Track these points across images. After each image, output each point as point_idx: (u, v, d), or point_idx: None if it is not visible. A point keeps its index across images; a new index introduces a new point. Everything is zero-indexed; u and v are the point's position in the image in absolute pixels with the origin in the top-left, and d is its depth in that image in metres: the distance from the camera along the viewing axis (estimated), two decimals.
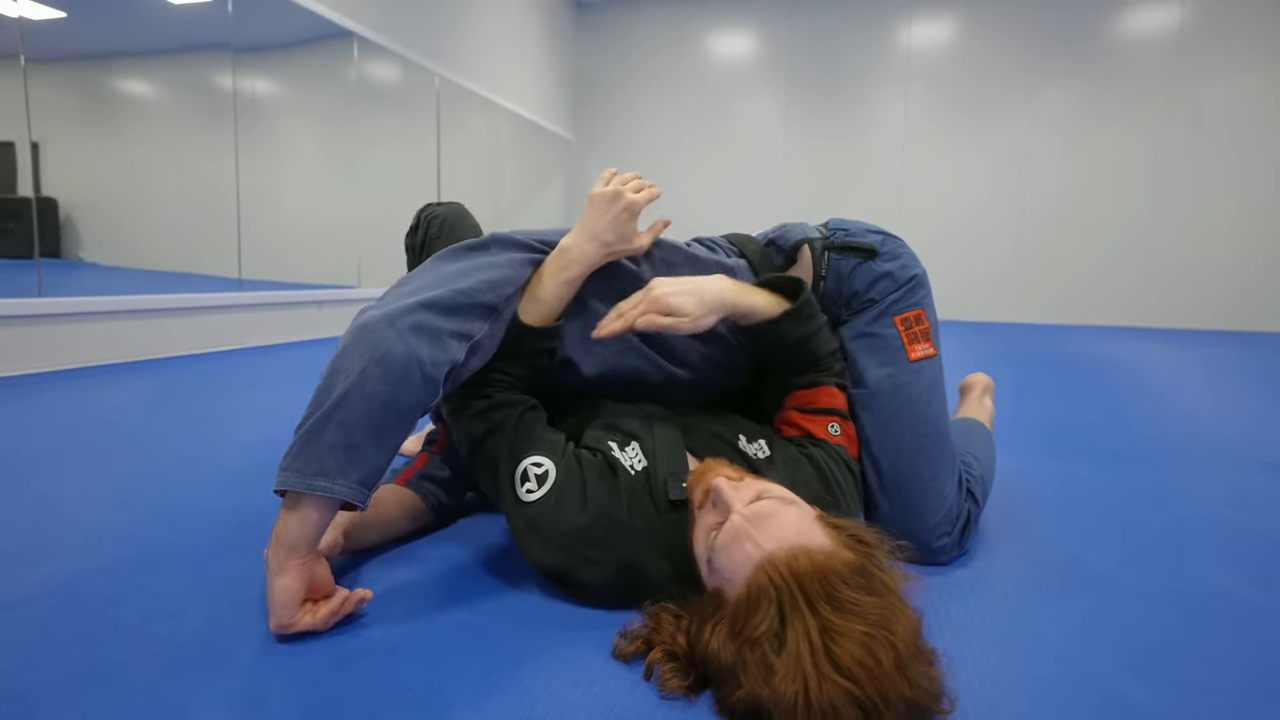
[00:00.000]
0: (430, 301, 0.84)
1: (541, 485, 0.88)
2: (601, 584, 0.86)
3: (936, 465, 1.02)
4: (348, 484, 0.78)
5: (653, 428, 0.97)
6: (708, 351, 1.07)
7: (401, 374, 0.79)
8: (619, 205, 0.97)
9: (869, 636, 0.59)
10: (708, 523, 0.75)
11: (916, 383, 1.05)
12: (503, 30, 5.67)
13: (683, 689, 0.69)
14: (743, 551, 0.68)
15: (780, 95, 6.65)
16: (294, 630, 0.78)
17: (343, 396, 0.78)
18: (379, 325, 0.81)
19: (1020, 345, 4.35)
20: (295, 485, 0.77)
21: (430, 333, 0.83)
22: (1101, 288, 6.08)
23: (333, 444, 0.78)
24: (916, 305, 1.09)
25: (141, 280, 3.24)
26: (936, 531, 1.00)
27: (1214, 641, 0.83)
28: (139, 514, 1.18)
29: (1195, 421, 2.17)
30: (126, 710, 0.66)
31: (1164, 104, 5.81)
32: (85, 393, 2.22)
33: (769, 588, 0.62)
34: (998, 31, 6.11)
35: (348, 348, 0.81)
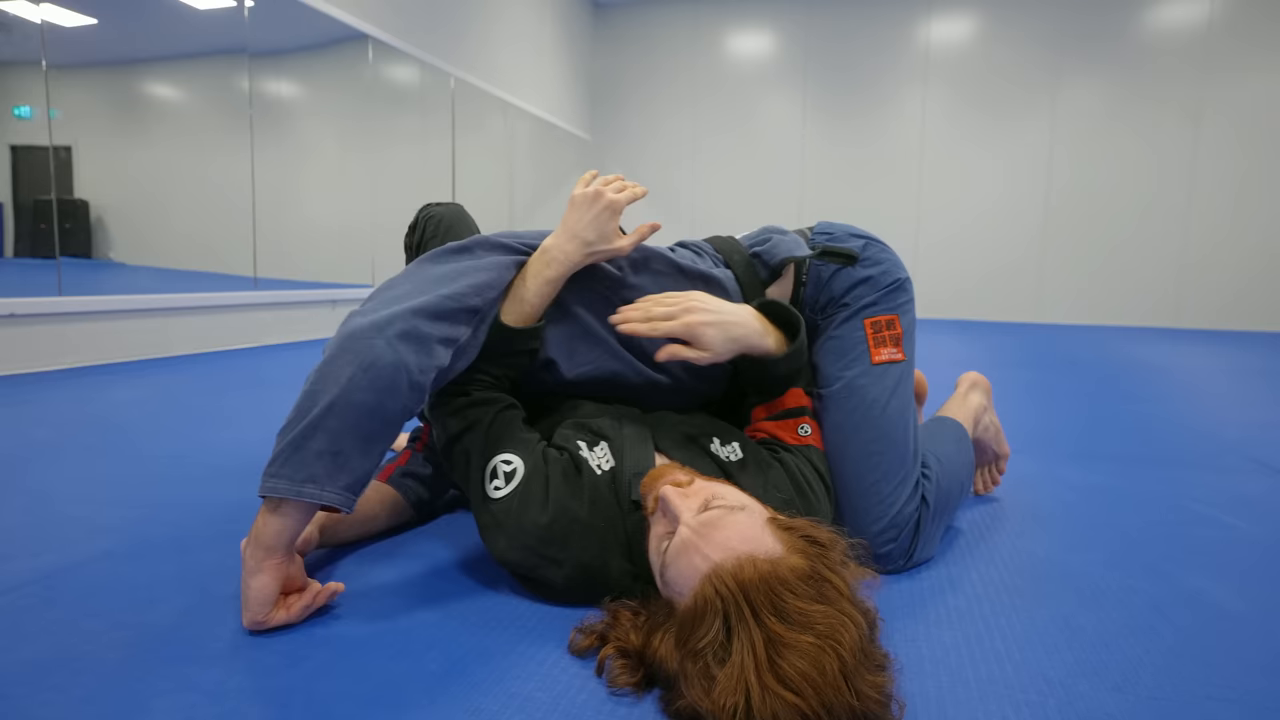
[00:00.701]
0: (418, 308, 0.85)
1: (509, 483, 0.89)
2: (562, 582, 0.87)
3: (885, 471, 1.00)
4: (335, 490, 0.80)
5: (623, 428, 0.97)
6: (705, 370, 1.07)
7: (389, 382, 0.80)
8: (600, 205, 0.98)
9: (815, 647, 0.58)
10: (658, 532, 0.76)
11: (874, 386, 1.03)
12: (519, 30, 5.70)
13: (631, 686, 0.69)
14: (691, 564, 0.68)
15: (798, 94, 6.62)
16: (267, 626, 0.80)
17: (330, 405, 0.79)
18: (367, 333, 0.81)
19: (1035, 346, 4.28)
20: (285, 493, 0.78)
21: (418, 340, 0.83)
22: (1124, 288, 5.97)
23: (320, 451, 0.79)
24: (892, 310, 1.08)
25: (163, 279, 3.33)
26: (882, 538, 0.98)
27: (1178, 647, 0.81)
28: (132, 508, 1.21)
29: (1203, 424, 2.12)
30: (85, 696, 0.68)
31: (1191, 103, 5.68)
32: (96, 389, 2.27)
33: (715, 599, 0.62)
34: (1019, 29, 6.02)
35: (335, 355, 0.81)
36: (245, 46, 3.45)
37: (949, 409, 1.30)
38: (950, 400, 1.33)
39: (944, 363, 3.22)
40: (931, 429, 1.22)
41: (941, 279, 6.36)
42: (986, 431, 1.33)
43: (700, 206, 6.86)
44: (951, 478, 1.11)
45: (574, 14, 6.62)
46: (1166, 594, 0.96)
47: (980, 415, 1.32)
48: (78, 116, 3.03)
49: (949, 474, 1.10)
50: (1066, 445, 1.80)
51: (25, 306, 2.53)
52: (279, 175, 3.74)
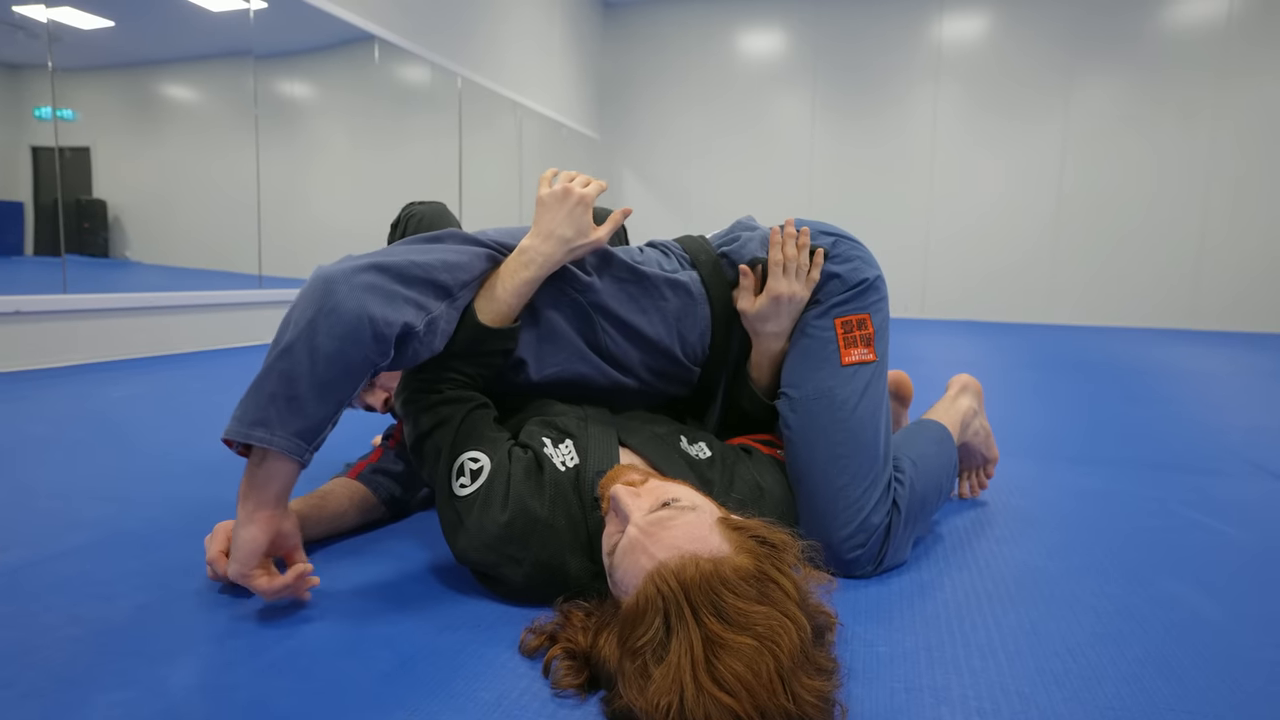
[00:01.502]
0: (384, 265, 0.84)
1: (475, 481, 0.88)
2: (522, 580, 0.86)
3: (853, 474, 0.98)
4: (286, 436, 0.79)
5: (589, 426, 0.97)
6: (652, 363, 1.07)
7: (350, 329, 0.79)
8: (571, 200, 0.97)
9: (752, 648, 0.58)
10: (610, 531, 0.75)
11: (844, 387, 1.02)
12: (527, 30, 5.71)
13: (574, 687, 0.69)
14: (636, 563, 0.67)
15: (808, 93, 6.58)
16: (250, 582, 0.80)
17: (288, 347, 0.79)
18: (332, 278, 0.80)
19: (1043, 347, 4.23)
20: (234, 435, 0.78)
21: (384, 292, 0.82)
22: (1135, 289, 5.88)
23: (274, 394, 0.78)
24: (863, 310, 1.06)
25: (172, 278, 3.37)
26: (849, 543, 0.96)
27: (1145, 655, 0.79)
28: (109, 503, 1.21)
29: (1206, 427, 2.08)
30: (28, 691, 0.68)
31: (1207, 104, 5.58)
32: (96, 386, 2.30)
33: (656, 598, 0.62)
34: (1032, 28, 5.94)
35: (299, 300, 0.81)
36: (251, 48, 3.48)
37: (936, 411, 1.28)
38: (939, 403, 1.31)
39: (949, 364, 3.18)
40: (912, 431, 1.20)
41: (951, 279, 6.29)
42: (976, 436, 1.31)
43: (710, 206, 6.84)
44: (928, 481, 1.09)
45: (583, 13, 6.62)
46: (1141, 601, 0.93)
47: (969, 419, 1.29)
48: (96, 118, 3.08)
49: (925, 477, 1.08)
50: (1066, 448, 1.77)
51: (31, 304, 2.57)
52: (286, 175, 3.77)
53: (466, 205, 4.99)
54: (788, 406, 1.04)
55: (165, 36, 3.36)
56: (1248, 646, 0.82)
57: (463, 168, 4.97)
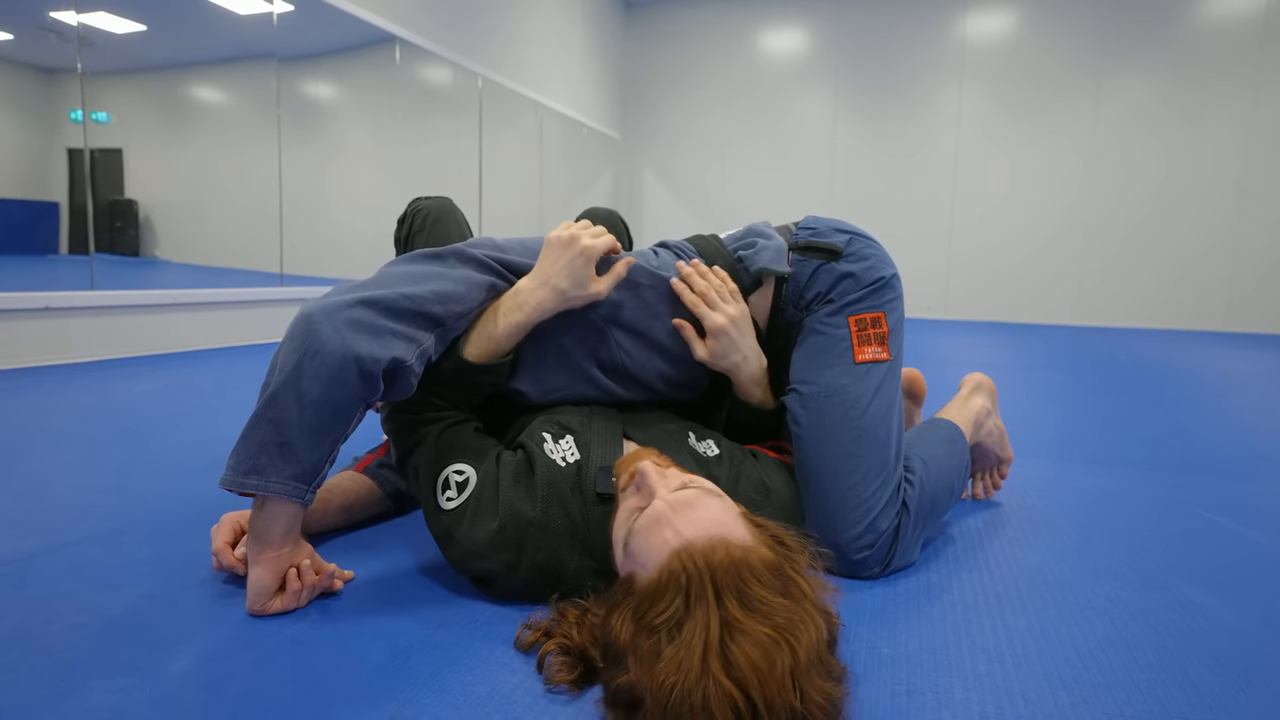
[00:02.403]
0: (371, 299, 0.82)
1: (461, 493, 0.87)
2: (519, 584, 0.85)
3: (864, 474, 0.95)
4: (281, 480, 0.79)
5: (592, 422, 0.96)
6: (668, 372, 1.05)
7: (335, 371, 0.78)
8: (573, 250, 0.93)
9: (770, 639, 0.56)
10: (630, 505, 0.74)
11: (856, 385, 0.99)
12: (547, 29, 5.73)
13: (568, 683, 0.68)
14: (660, 537, 0.66)
15: (830, 94, 6.52)
16: (267, 614, 0.82)
17: (275, 393, 0.78)
18: (315, 319, 0.79)
19: (1069, 349, 4.14)
20: (229, 484, 0.79)
21: (370, 329, 0.80)
22: (1168, 291, 5.74)
23: (265, 442, 0.78)
24: (878, 308, 1.04)
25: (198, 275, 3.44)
26: (858, 543, 0.94)
27: (1158, 661, 0.76)
28: (121, 496, 1.23)
29: (1232, 429, 2.02)
30: (31, 675, 0.69)
31: (1244, 100, 5.43)
32: (117, 381, 2.34)
33: (680, 574, 0.60)
34: (1060, 24, 5.82)
35: (283, 343, 0.80)
36: (274, 51, 3.53)
37: (949, 411, 1.26)
38: (951, 402, 1.28)
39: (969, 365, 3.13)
40: (924, 430, 1.18)
41: (974, 281, 6.20)
42: (989, 436, 1.28)
43: (731, 206, 6.80)
44: (939, 481, 1.06)
45: (604, 13, 6.63)
46: (1158, 606, 0.90)
47: (983, 418, 1.27)
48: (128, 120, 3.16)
49: (936, 477, 1.06)
50: (1085, 450, 1.73)
51: (59, 300, 2.62)
52: (308, 175, 3.82)
53: (487, 205, 5.02)
54: (798, 403, 1.02)
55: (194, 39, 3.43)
56: (1268, 654, 0.79)
57: (483, 167, 4.99)
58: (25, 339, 2.52)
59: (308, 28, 3.70)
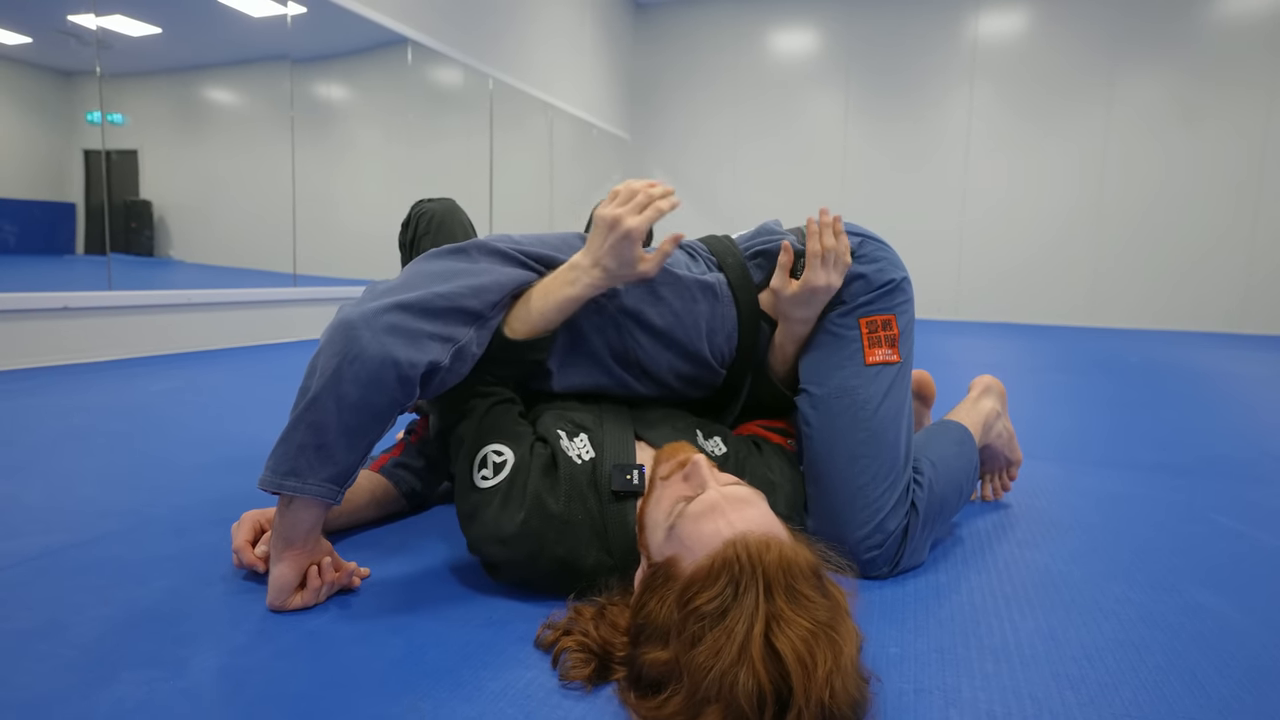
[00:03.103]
0: (407, 303, 0.83)
1: (498, 474, 0.88)
2: (537, 576, 0.87)
3: (873, 474, 0.97)
4: (317, 483, 0.81)
5: (604, 421, 0.97)
6: (681, 369, 1.06)
7: (374, 375, 0.79)
8: (617, 233, 0.91)
9: (813, 634, 0.58)
10: (676, 492, 0.75)
11: (867, 387, 1.01)
12: (558, 30, 5.75)
13: (582, 678, 0.69)
14: (714, 525, 0.67)
15: (840, 95, 6.51)
16: (287, 609, 0.84)
17: (314, 399, 0.79)
18: (355, 325, 0.80)
19: (1080, 350, 4.12)
20: (268, 485, 0.80)
21: (407, 334, 0.81)
22: (1181, 292, 5.70)
23: (303, 445, 0.80)
24: (888, 310, 1.05)
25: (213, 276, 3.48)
26: (866, 543, 0.96)
27: (1166, 663, 0.77)
28: (143, 492, 1.26)
29: (1243, 432, 2.01)
30: (61, 665, 0.71)
31: (1264, 94, 5.39)
32: (136, 380, 2.38)
33: (733, 563, 0.62)
34: (1072, 24, 5.80)
35: (322, 348, 0.81)
36: (288, 53, 3.57)
37: (958, 412, 1.27)
38: (961, 404, 1.29)
39: (980, 366, 3.13)
40: (933, 432, 1.19)
41: (986, 282, 6.18)
42: (999, 438, 1.29)
43: (741, 207, 6.80)
44: (948, 483, 1.07)
45: (614, 14, 6.64)
46: (1166, 608, 0.91)
47: (992, 421, 1.27)
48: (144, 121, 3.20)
49: (944, 478, 1.07)
50: (1094, 452, 1.73)
51: (78, 300, 2.66)
52: (321, 176, 3.85)
53: (497, 205, 5.04)
54: (808, 403, 1.03)
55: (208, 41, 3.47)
56: (1275, 655, 0.80)
57: (494, 168, 5.02)
58: (45, 338, 2.56)
59: (321, 30, 3.74)
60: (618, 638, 0.70)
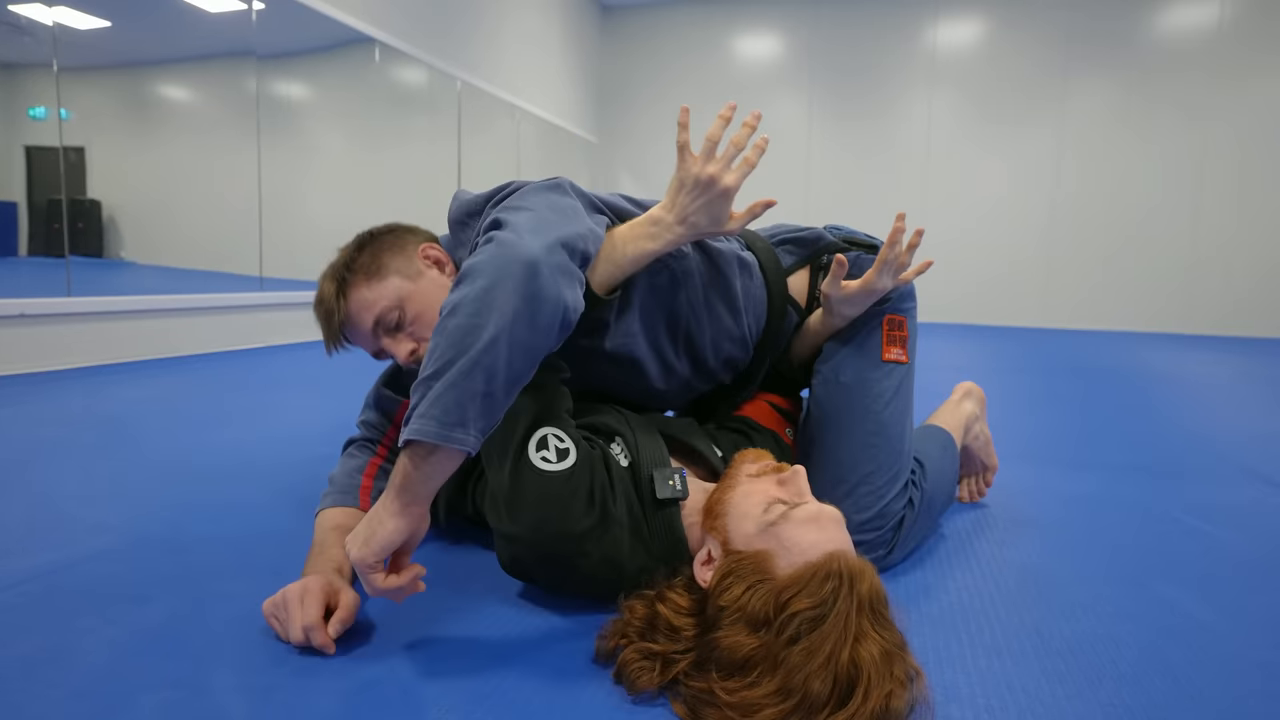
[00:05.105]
0: (566, 241, 0.77)
1: (561, 461, 0.82)
2: (578, 578, 0.86)
3: (880, 464, 1.03)
4: (478, 435, 0.73)
5: (630, 423, 0.96)
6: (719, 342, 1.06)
7: (549, 319, 0.73)
8: (714, 192, 0.89)
9: (887, 652, 0.64)
10: (770, 491, 0.78)
11: (881, 382, 1.07)
12: (525, 33, 5.73)
13: (654, 686, 0.70)
14: (821, 534, 0.73)
15: (804, 97, 6.62)
16: (368, 573, 0.74)
17: (494, 340, 0.71)
18: (536, 261, 0.72)
19: (1039, 351, 4.28)
20: (433, 437, 0.70)
21: (570, 275, 0.76)
22: (1130, 293, 5.93)
23: (474, 392, 0.71)
24: (903, 312, 1.12)
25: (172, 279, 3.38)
26: (867, 527, 1.01)
27: (1143, 657, 0.82)
28: (131, 507, 1.24)
29: (1199, 432, 2.12)
30: (74, 691, 0.70)
31: (1200, 106, 5.64)
32: (103, 389, 2.31)
33: (836, 575, 0.66)
34: (1026, 32, 6.00)
35: (498, 283, 0.72)
36: (253, 49, 3.49)
37: (940, 415, 1.32)
38: (943, 406, 1.35)
39: (943, 367, 3.22)
40: (921, 435, 1.24)
41: (946, 282, 6.33)
42: (976, 441, 1.35)
43: None
44: (937, 482, 1.14)
45: (580, 16, 6.65)
46: (1138, 604, 0.97)
47: (971, 424, 1.33)
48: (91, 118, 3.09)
49: (934, 477, 1.13)
50: (1060, 453, 1.81)
51: (36, 307, 2.58)
52: (286, 177, 3.78)
53: None
54: (825, 389, 1.09)
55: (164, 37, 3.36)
56: (1243, 647, 0.86)
57: (462, 169, 4.99)
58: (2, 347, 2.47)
59: (286, 27, 3.67)
60: (681, 619, 0.72)
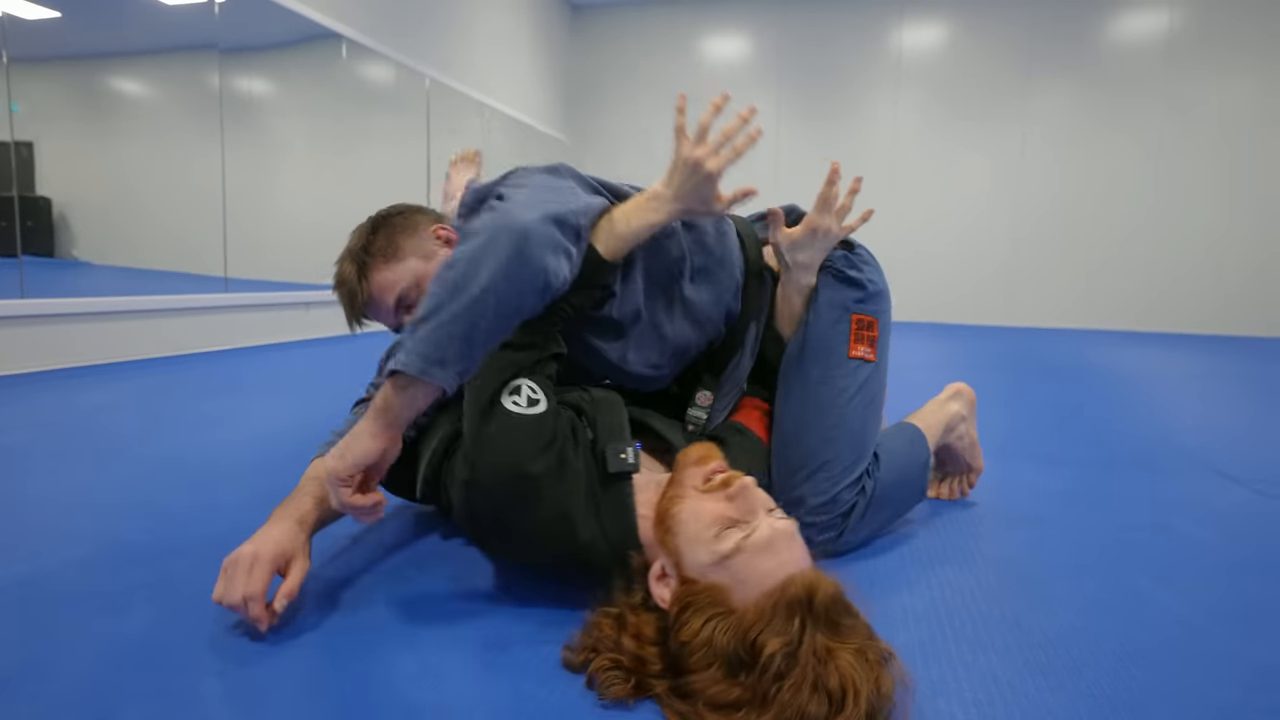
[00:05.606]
0: (559, 216, 0.85)
1: (531, 407, 0.86)
2: (531, 531, 0.85)
3: (837, 453, 1.08)
4: (455, 375, 0.80)
5: (593, 398, 0.98)
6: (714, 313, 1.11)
7: (532, 283, 0.81)
8: (699, 175, 0.96)
9: (859, 654, 0.65)
10: (719, 511, 0.76)
11: (845, 378, 1.11)
12: (495, 31, 5.69)
13: (625, 695, 0.70)
14: (771, 563, 0.71)
15: (772, 97, 6.69)
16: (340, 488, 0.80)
17: (483, 292, 0.79)
18: (530, 233, 0.81)
19: (1006, 349, 4.38)
20: (413, 369, 0.78)
21: (558, 248, 0.84)
22: (1095, 292, 6.11)
23: (455, 335, 0.79)
24: (873, 313, 1.15)
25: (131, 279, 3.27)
26: (818, 511, 1.08)
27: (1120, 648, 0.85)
28: (104, 515, 1.20)
29: (1163, 429, 2.19)
30: (56, 704, 0.68)
31: (1156, 107, 5.84)
32: (64, 394, 2.24)
33: (796, 606, 0.66)
34: (989, 35, 6.14)
35: (490, 245, 0.80)
36: (215, 43, 3.41)
37: (921, 412, 1.35)
38: (930, 402, 1.38)
39: (910, 366, 3.28)
40: (890, 430, 1.27)
41: (913, 281, 6.45)
42: (961, 440, 1.37)
43: None
44: (895, 475, 1.17)
45: (550, 15, 6.62)
46: (1112, 596, 1.00)
47: (955, 423, 1.36)
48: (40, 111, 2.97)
49: (891, 473, 1.16)
50: (1032, 450, 1.86)
51: None
52: (251, 175, 3.70)
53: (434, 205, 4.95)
54: (791, 378, 1.13)
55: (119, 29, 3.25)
56: (1211, 636, 0.89)
57: (431, 168, 4.93)
58: None
59: (249, 21, 3.59)
60: (646, 649, 0.72)
